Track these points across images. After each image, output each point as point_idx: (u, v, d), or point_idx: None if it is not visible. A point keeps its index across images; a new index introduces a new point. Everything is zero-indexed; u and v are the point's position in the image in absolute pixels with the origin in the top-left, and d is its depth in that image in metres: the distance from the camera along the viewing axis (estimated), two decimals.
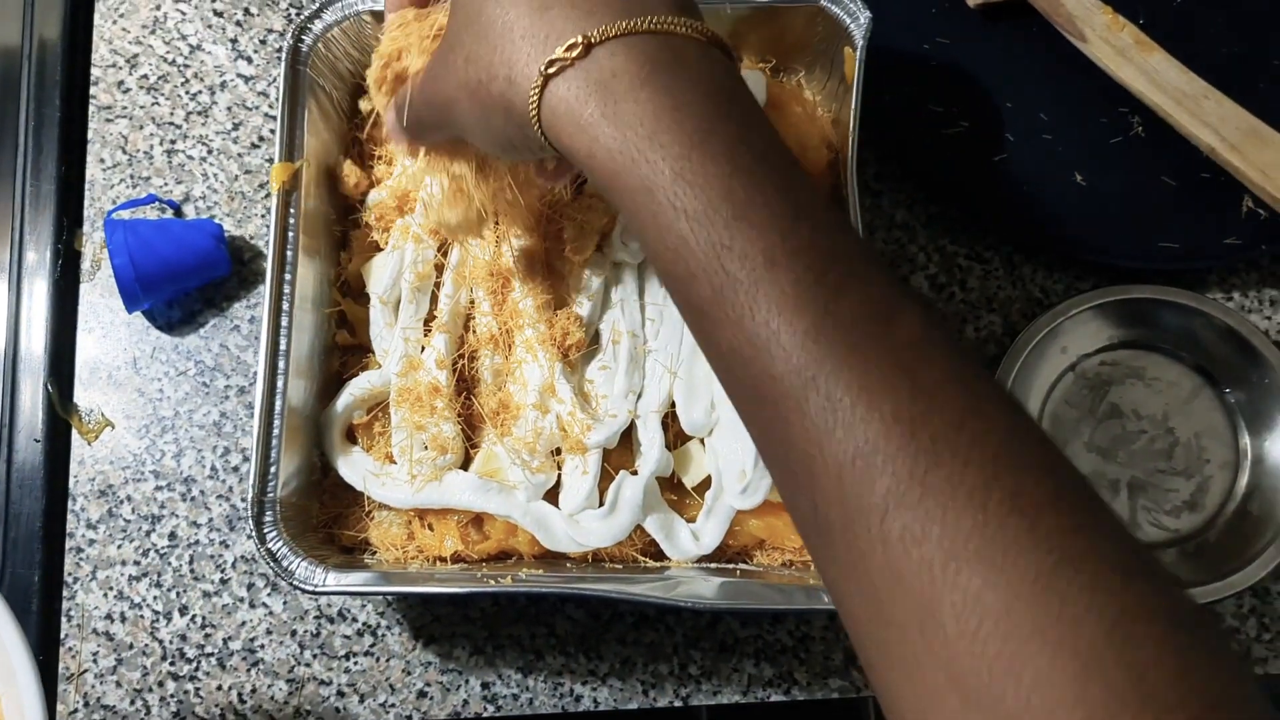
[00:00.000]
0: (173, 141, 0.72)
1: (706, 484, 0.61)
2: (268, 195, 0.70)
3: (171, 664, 0.64)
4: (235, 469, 0.67)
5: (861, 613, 0.36)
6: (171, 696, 0.64)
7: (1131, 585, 0.33)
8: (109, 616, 0.65)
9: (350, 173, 0.65)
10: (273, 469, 0.58)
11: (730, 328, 0.38)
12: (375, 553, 0.61)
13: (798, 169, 0.41)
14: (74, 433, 0.67)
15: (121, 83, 0.72)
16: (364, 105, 0.66)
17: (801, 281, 0.37)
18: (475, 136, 0.47)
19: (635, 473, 0.60)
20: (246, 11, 0.74)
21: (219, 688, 0.64)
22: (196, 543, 0.66)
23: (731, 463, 0.59)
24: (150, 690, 0.64)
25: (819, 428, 0.36)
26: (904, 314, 0.37)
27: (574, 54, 0.40)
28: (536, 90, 0.41)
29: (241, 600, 0.65)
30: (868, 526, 0.35)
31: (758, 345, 0.37)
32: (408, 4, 0.52)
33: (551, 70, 0.41)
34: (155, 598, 0.65)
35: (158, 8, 0.74)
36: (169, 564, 0.66)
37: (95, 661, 0.64)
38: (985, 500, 0.33)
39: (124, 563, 0.66)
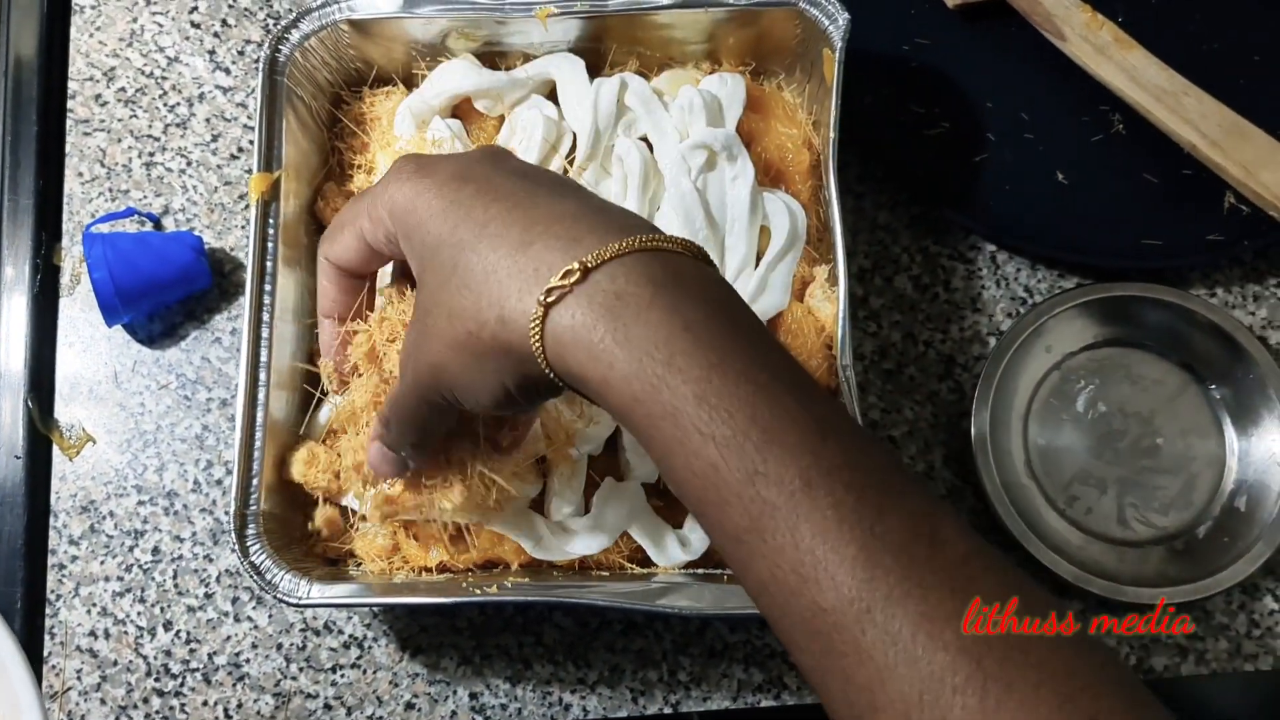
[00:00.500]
0: (151, 154, 0.71)
1: None
2: (248, 206, 0.70)
3: (156, 680, 0.64)
4: (218, 482, 0.66)
5: None
6: (157, 713, 0.63)
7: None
8: (92, 633, 0.64)
9: (327, 204, 0.65)
10: (255, 481, 0.58)
11: (771, 557, 0.36)
12: (360, 564, 0.60)
13: (810, 378, 0.40)
14: (55, 448, 0.67)
15: (99, 96, 0.72)
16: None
17: (843, 504, 0.35)
18: (466, 394, 0.44)
19: (621, 479, 0.60)
20: (224, 23, 0.73)
21: (205, 703, 0.63)
22: (180, 557, 0.65)
23: None
24: (135, 707, 0.63)
25: (879, 662, 0.34)
26: (946, 528, 0.36)
27: (572, 280, 0.39)
28: (537, 323, 0.39)
29: (226, 614, 0.65)
30: None
31: (803, 575, 0.35)
32: (340, 300, 0.51)
33: (551, 299, 0.39)
34: (139, 613, 0.65)
35: (134, 20, 0.73)
36: (152, 579, 0.65)
37: (79, 679, 0.64)
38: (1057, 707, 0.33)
39: (107, 579, 0.65)
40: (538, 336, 0.40)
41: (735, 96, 0.64)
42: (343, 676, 0.64)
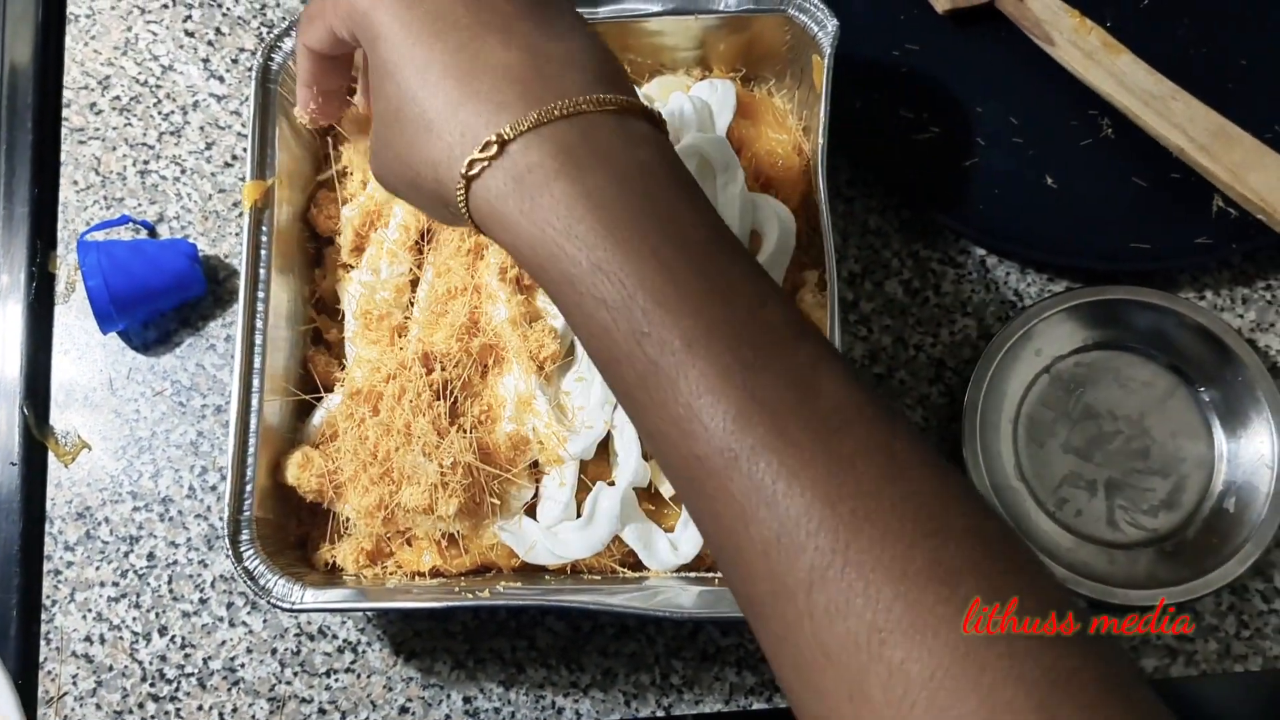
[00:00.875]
0: (146, 162, 0.72)
1: None
2: (241, 214, 0.70)
3: (152, 685, 0.64)
4: (213, 488, 0.67)
5: (794, 684, 0.37)
6: (152, 718, 0.64)
7: (1053, 648, 0.33)
8: (88, 638, 0.65)
9: (320, 211, 0.65)
10: (248, 488, 0.58)
11: (655, 410, 0.39)
12: (354, 575, 0.61)
13: (723, 241, 0.41)
14: (50, 455, 0.67)
15: (94, 104, 0.72)
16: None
17: (719, 361, 0.37)
18: (422, 211, 0.48)
19: (612, 483, 0.60)
20: (218, 31, 0.74)
21: (200, 708, 0.64)
22: (175, 563, 0.66)
23: None
24: (130, 712, 0.64)
25: (744, 507, 0.36)
26: (825, 381, 0.38)
27: (489, 154, 0.41)
28: (461, 191, 0.42)
29: (221, 619, 0.65)
30: (794, 602, 0.35)
31: (681, 428, 0.38)
32: (316, 109, 0.54)
33: (471, 172, 0.41)
34: (134, 619, 0.65)
35: (129, 29, 0.74)
36: (148, 584, 0.65)
37: (75, 684, 0.64)
38: (905, 569, 0.34)
39: (102, 584, 0.65)
40: (464, 205, 0.42)
41: (725, 102, 0.64)
42: (337, 681, 0.64)
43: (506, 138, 0.40)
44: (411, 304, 0.63)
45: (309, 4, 0.50)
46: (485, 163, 0.41)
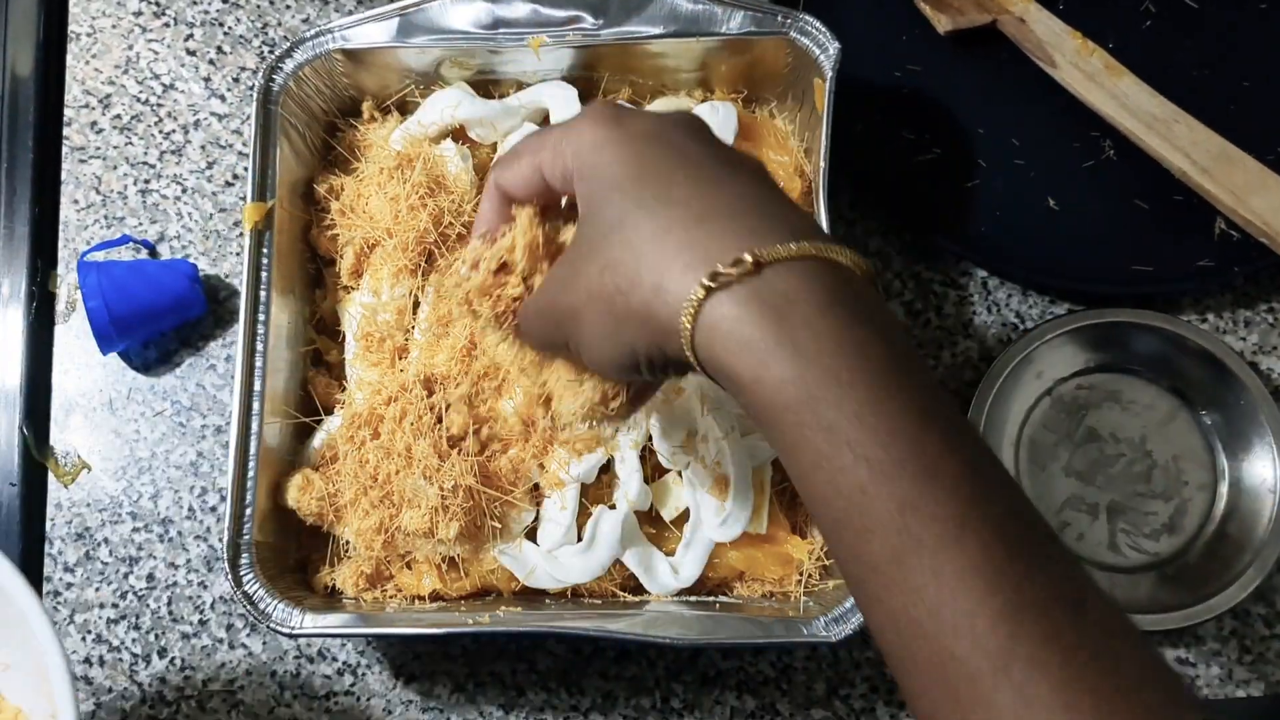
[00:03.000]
0: (146, 181, 0.71)
1: (685, 517, 0.61)
2: (242, 233, 0.70)
3: (151, 707, 0.64)
4: (213, 509, 0.67)
5: None
6: None
7: None
8: (87, 660, 0.64)
9: (320, 232, 0.65)
10: (248, 510, 0.58)
11: (907, 594, 0.35)
12: (353, 598, 0.61)
13: (960, 413, 0.38)
14: (50, 475, 0.67)
15: (95, 123, 0.72)
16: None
17: (994, 554, 0.34)
18: (591, 351, 0.43)
19: (613, 507, 0.60)
20: (219, 50, 0.74)
21: None
22: (175, 584, 0.66)
23: (709, 495, 0.59)
24: None
25: None
26: (1091, 595, 0.35)
27: (741, 270, 0.37)
28: (693, 304, 0.38)
29: (221, 641, 0.65)
30: None
31: (940, 620, 0.34)
32: (497, 224, 0.48)
33: (715, 284, 0.37)
34: (134, 640, 0.65)
35: (130, 47, 0.74)
36: (147, 606, 0.65)
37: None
38: None
39: (102, 605, 0.65)
40: (690, 318, 0.38)
41: (727, 124, 0.64)
42: (336, 704, 0.64)
43: (764, 260, 0.37)
44: (412, 326, 0.63)
45: (518, 144, 0.47)
46: (733, 278, 0.37)
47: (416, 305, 0.63)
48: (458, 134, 0.66)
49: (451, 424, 0.60)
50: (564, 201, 0.48)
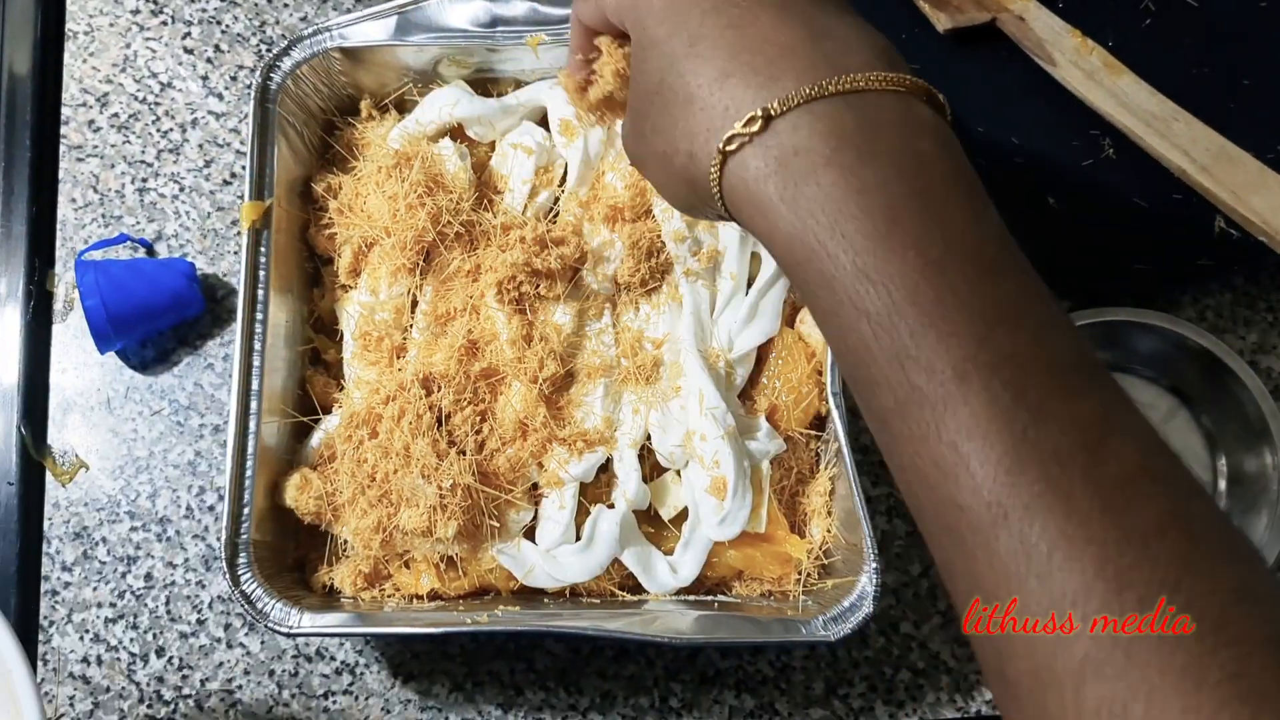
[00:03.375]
0: (144, 180, 0.71)
1: (683, 516, 0.60)
2: (240, 232, 0.70)
3: (149, 707, 0.64)
4: (211, 508, 0.67)
5: None
6: None
7: None
8: (85, 660, 0.64)
9: (318, 231, 0.65)
10: (246, 509, 0.58)
11: (913, 444, 0.34)
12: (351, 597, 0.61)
13: (1007, 255, 0.36)
14: (48, 475, 0.67)
15: (92, 122, 0.72)
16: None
17: (998, 400, 0.33)
18: (662, 192, 0.45)
19: (612, 506, 0.60)
20: (217, 48, 0.74)
21: None
22: (173, 583, 0.65)
23: (707, 494, 0.59)
24: None
25: (1009, 572, 0.32)
26: (1116, 439, 0.33)
27: (753, 129, 0.37)
28: (716, 168, 0.38)
29: (219, 640, 0.65)
30: (1059, 694, 0.31)
31: (943, 469, 0.33)
32: (586, 49, 0.49)
33: (730, 147, 0.38)
34: (132, 639, 0.65)
35: (128, 46, 0.74)
36: (145, 605, 0.65)
37: (72, 706, 0.64)
38: (1200, 679, 0.29)
39: (100, 605, 0.65)
40: (716, 184, 0.39)
41: None
42: (334, 703, 0.64)
43: (774, 113, 0.36)
44: (410, 325, 0.63)
45: None
46: (746, 138, 0.37)
47: (414, 304, 0.63)
48: (456, 132, 0.66)
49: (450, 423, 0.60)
50: None
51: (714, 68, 0.39)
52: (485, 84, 0.67)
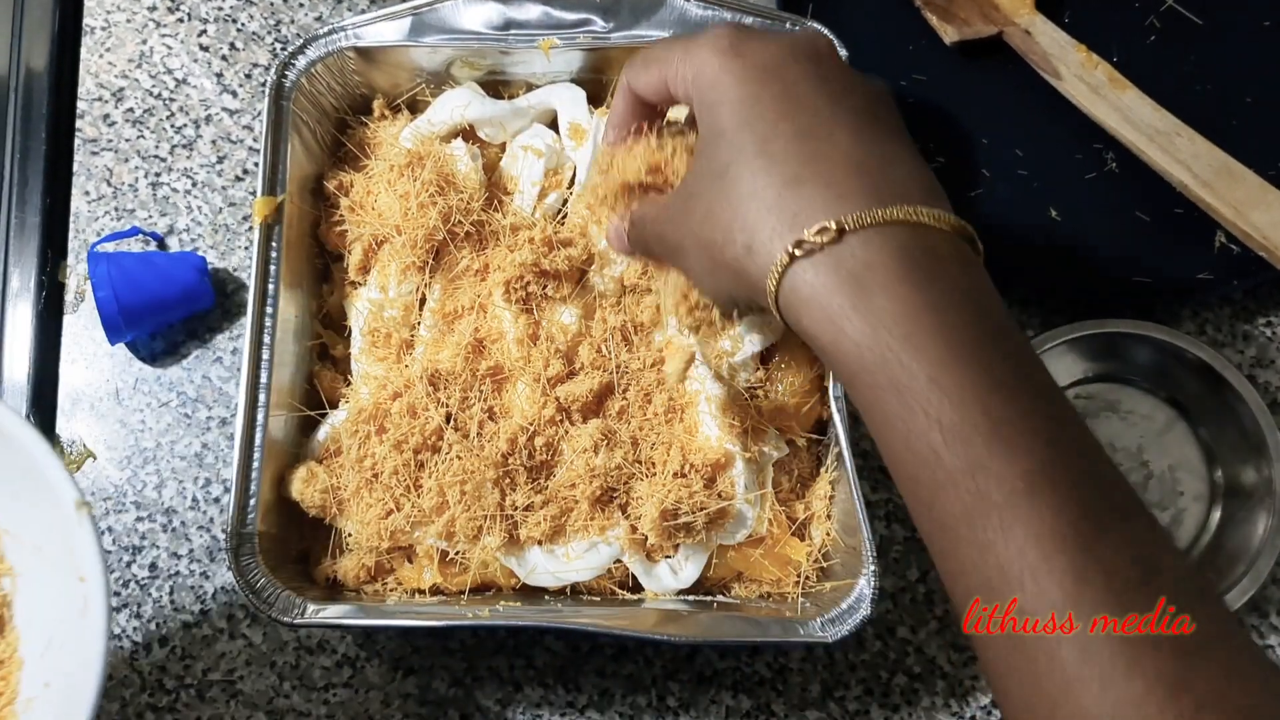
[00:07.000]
0: (157, 174, 0.72)
1: None
2: (252, 228, 0.71)
3: (150, 695, 0.64)
4: (216, 500, 0.67)
5: None
6: None
7: None
8: None
9: (329, 228, 0.65)
10: (252, 501, 0.58)
11: (977, 550, 0.36)
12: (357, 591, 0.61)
13: (1049, 378, 0.39)
14: None
15: (107, 116, 0.73)
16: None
17: (1063, 513, 0.35)
18: (697, 282, 0.46)
19: None
20: (232, 46, 0.75)
21: (198, 719, 0.64)
22: (177, 574, 0.66)
23: None
24: None
25: (1072, 677, 0.34)
26: (1167, 559, 0.35)
27: (825, 239, 0.39)
28: (779, 269, 0.40)
29: (221, 631, 0.65)
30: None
31: (1008, 576, 0.35)
32: (628, 131, 0.50)
33: (799, 252, 0.39)
34: (135, 629, 0.65)
35: (144, 42, 0.74)
36: (149, 595, 0.66)
37: None
38: None
39: None
40: (775, 280, 0.40)
41: None
42: (335, 695, 0.64)
43: (848, 227, 0.39)
44: (418, 323, 0.63)
45: (650, 48, 0.48)
46: (816, 246, 0.39)
47: (423, 302, 0.64)
48: (467, 133, 0.67)
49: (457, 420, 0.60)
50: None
51: (786, 171, 0.40)
52: (497, 86, 0.67)
